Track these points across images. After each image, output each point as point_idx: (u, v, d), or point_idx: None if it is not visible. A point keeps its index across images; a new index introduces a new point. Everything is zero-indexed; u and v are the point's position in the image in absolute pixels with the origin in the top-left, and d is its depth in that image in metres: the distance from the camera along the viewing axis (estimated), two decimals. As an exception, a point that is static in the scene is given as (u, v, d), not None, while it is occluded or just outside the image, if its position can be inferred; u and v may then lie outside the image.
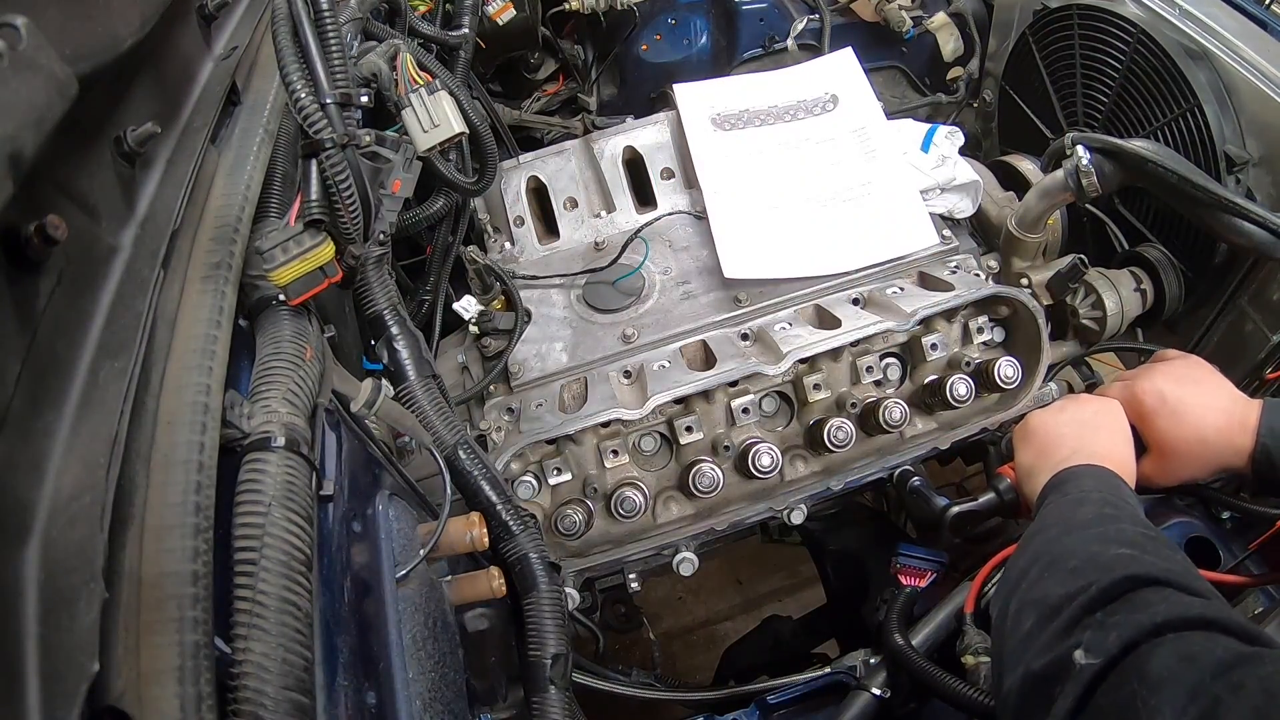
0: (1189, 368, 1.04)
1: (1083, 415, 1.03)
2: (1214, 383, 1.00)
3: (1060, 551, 0.75)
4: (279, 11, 0.78)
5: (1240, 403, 0.97)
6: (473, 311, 1.19)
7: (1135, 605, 0.64)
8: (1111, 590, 0.66)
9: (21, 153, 0.49)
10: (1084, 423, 1.01)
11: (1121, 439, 1.00)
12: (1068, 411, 1.04)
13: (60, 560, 0.46)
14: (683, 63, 1.97)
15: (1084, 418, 1.02)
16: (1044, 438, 1.02)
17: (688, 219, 1.36)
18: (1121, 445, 0.99)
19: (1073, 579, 0.69)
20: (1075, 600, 0.67)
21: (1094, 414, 1.03)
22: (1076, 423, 1.02)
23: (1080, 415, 1.03)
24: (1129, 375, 1.09)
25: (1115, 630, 0.62)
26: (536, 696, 0.77)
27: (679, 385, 1.08)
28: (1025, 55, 1.63)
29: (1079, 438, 0.99)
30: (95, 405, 0.53)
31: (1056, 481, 0.91)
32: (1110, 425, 1.02)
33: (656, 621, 2.35)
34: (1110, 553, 0.71)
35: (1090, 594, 0.66)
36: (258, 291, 0.71)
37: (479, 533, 0.77)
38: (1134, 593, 0.65)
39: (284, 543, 0.52)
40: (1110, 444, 0.98)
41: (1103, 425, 1.01)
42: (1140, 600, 0.64)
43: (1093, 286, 1.26)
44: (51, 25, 0.56)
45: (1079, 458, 0.94)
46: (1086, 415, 1.03)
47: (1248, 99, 1.19)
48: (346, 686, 0.57)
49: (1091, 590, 0.66)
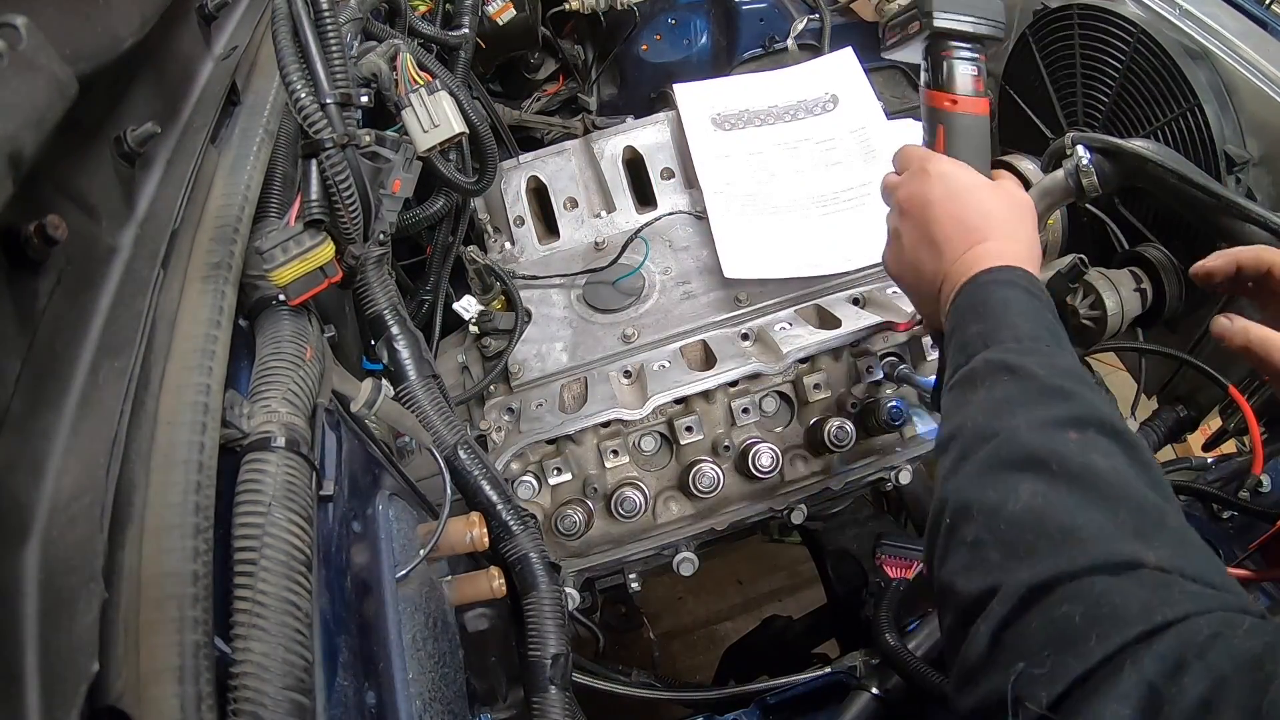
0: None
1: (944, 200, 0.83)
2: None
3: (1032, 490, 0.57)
4: (279, 11, 0.78)
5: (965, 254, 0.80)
6: (473, 311, 1.19)
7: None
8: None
9: (21, 153, 0.49)
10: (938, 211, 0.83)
11: (975, 205, 0.82)
12: (930, 187, 0.84)
13: (60, 560, 0.46)
14: (683, 63, 1.97)
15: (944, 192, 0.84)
16: (941, 217, 0.83)
17: (688, 219, 1.36)
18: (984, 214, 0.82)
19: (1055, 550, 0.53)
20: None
21: (943, 196, 0.84)
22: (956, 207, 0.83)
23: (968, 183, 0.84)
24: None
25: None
26: (536, 696, 0.77)
27: (679, 385, 1.08)
28: (1025, 55, 1.63)
29: (987, 219, 0.81)
30: (95, 405, 0.53)
31: (950, 324, 0.75)
32: (952, 200, 0.83)
33: (656, 621, 2.35)
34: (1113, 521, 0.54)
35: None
36: (258, 291, 0.71)
37: (479, 533, 0.77)
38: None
39: (284, 543, 0.52)
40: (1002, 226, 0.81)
41: (946, 207, 0.83)
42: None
43: (1093, 286, 1.26)
44: (51, 25, 0.56)
45: (989, 252, 0.78)
46: (943, 189, 0.84)
47: (1248, 99, 1.20)
48: (346, 686, 0.57)
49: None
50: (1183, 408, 1.38)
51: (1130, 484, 0.56)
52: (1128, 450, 0.60)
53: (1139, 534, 0.52)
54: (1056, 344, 0.72)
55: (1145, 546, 0.51)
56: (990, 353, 0.70)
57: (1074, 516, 0.54)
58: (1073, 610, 0.50)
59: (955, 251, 0.82)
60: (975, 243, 0.81)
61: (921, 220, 0.85)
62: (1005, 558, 0.55)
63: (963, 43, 0.88)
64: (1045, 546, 0.53)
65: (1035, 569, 0.53)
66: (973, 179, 0.85)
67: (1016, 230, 0.83)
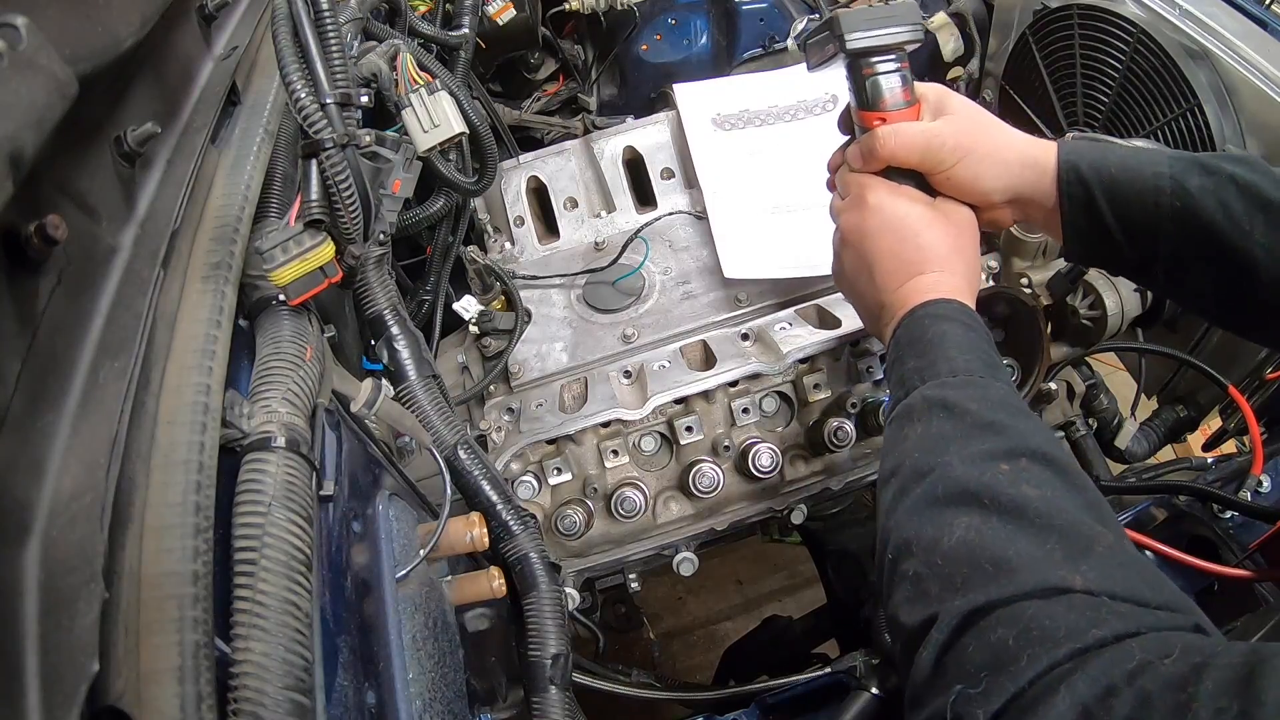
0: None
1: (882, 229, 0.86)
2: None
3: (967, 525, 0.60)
4: (279, 11, 0.78)
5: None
6: (473, 311, 1.19)
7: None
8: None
9: (21, 153, 0.49)
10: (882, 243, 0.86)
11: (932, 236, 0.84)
12: (866, 218, 0.87)
13: (60, 560, 0.46)
14: (683, 63, 1.97)
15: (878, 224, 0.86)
16: (878, 245, 0.85)
17: (688, 219, 1.36)
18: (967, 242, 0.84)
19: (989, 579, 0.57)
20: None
21: (888, 217, 0.86)
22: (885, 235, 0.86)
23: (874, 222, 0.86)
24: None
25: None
26: (536, 696, 0.77)
27: (679, 385, 1.08)
28: (1025, 55, 1.63)
29: (923, 246, 0.83)
30: (95, 405, 0.53)
31: (910, 361, 0.76)
32: (899, 232, 0.85)
33: (656, 621, 2.36)
34: (1038, 550, 0.57)
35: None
36: (258, 291, 0.71)
37: (479, 533, 0.77)
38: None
39: (284, 543, 0.52)
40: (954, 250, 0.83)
41: (891, 241, 0.84)
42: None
43: (1092, 286, 1.26)
44: (51, 25, 0.56)
45: (925, 285, 0.80)
46: (876, 223, 0.86)
47: (1248, 99, 1.20)
48: (346, 686, 0.57)
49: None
50: (1183, 408, 1.38)
51: (1061, 510, 0.59)
52: (1060, 476, 0.63)
53: (1068, 559, 0.56)
54: (991, 375, 0.73)
55: (1073, 571, 0.55)
56: (927, 388, 0.72)
57: (1005, 548, 0.57)
58: (1006, 634, 0.53)
59: (893, 285, 0.84)
60: (912, 275, 0.83)
61: (860, 251, 0.88)
62: (943, 589, 0.58)
63: (883, 56, 0.87)
64: (979, 578, 0.57)
65: (970, 598, 0.56)
66: (908, 208, 0.86)
67: (953, 261, 0.84)
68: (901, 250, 0.84)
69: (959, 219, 0.87)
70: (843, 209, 0.92)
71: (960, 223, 0.87)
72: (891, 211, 0.86)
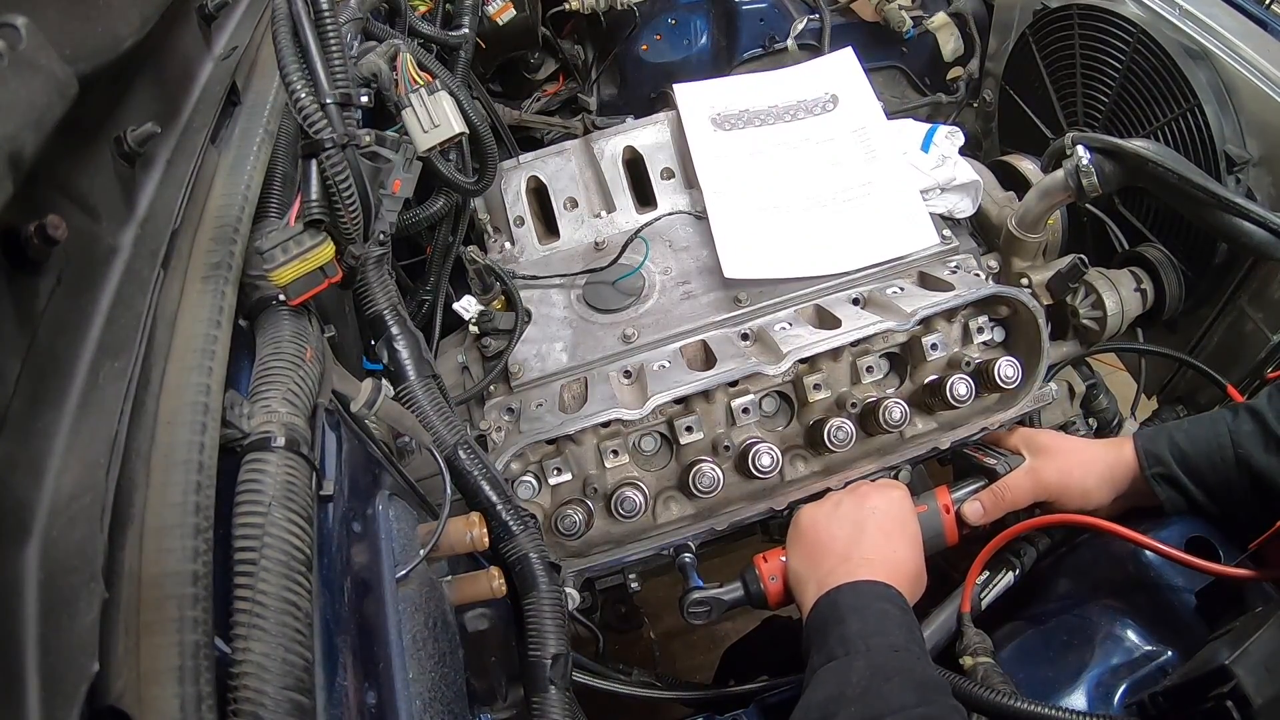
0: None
1: (858, 513, 0.98)
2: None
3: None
4: (279, 11, 0.78)
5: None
6: (473, 311, 1.19)
7: None
8: None
9: (21, 153, 0.49)
10: (858, 522, 0.97)
11: (899, 538, 0.96)
12: (842, 508, 1.00)
13: (60, 560, 0.46)
14: (683, 63, 1.97)
15: (859, 516, 0.97)
16: (813, 541, 0.97)
17: (688, 219, 1.36)
18: (899, 545, 0.95)
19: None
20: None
21: (871, 511, 0.98)
22: (850, 522, 0.97)
23: (855, 513, 0.98)
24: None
25: None
26: (536, 696, 0.77)
27: (679, 385, 1.08)
28: (1025, 55, 1.63)
29: (850, 541, 0.95)
30: (95, 405, 0.53)
31: (819, 621, 0.87)
32: (887, 523, 0.97)
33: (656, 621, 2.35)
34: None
35: None
36: (258, 291, 0.71)
37: (479, 533, 0.77)
38: None
39: (284, 543, 0.52)
40: (886, 546, 0.94)
41: (879, 524, 0.96)
42: None
43: (1093, 286, 1.26)
44: (51, 25, 0.56)
45: (848, 569, 0.90)
46: (862, 513, 0.98)
47: (1248, 99, 1.19)
48: (346, 686, 0.57)
49: None
50: (1183, 408, 1.38)
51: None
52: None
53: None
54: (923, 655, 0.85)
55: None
56: (873, 655, 0.81)
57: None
58: None
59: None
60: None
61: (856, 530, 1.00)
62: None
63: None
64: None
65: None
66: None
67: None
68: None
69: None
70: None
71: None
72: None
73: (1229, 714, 0.69)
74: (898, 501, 1.01)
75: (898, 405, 1.13)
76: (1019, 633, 1.01)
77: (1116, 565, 0.99)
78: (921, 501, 1.09)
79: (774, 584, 1.04)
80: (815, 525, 0.99)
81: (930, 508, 1.09)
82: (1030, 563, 1.09)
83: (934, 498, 1.10)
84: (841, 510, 1.00)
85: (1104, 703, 0.88)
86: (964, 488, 1.12)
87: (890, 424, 1.13)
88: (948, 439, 1.19)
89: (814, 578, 0.93)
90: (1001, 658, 0.96)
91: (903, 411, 1.13)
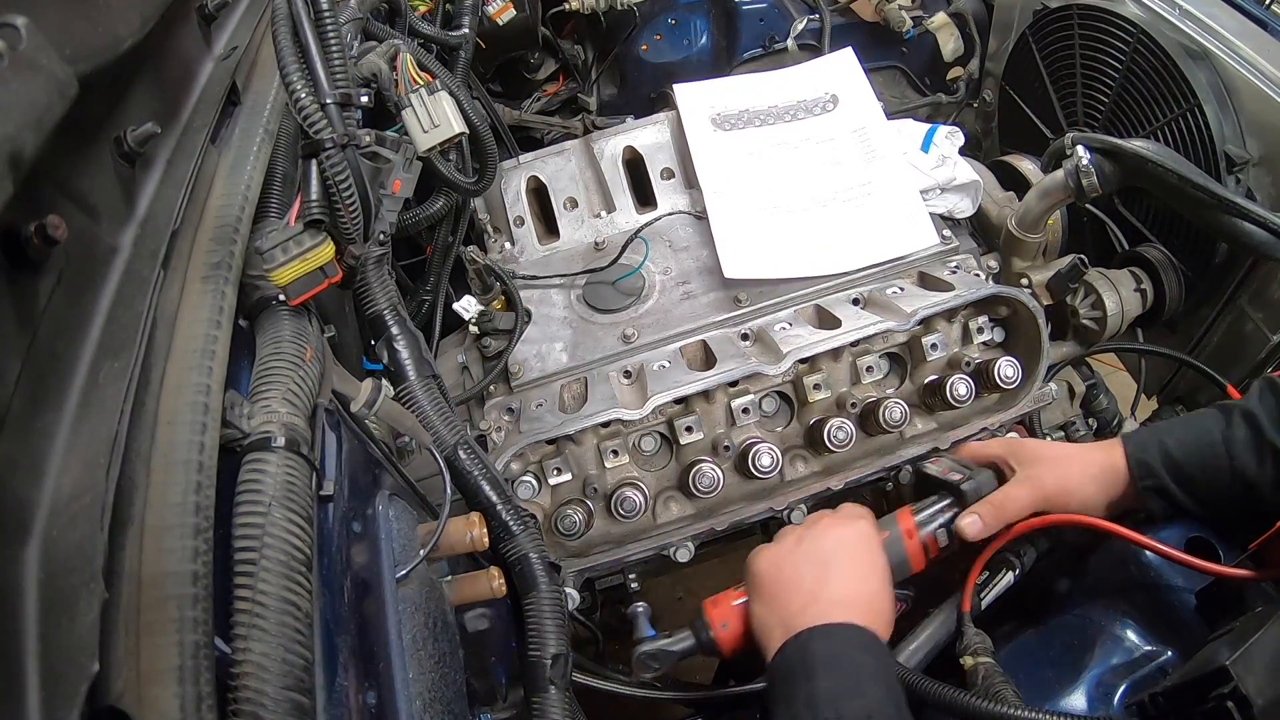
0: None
1: (822, 549, 0.93)
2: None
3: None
4: (279, 11, 0.78)
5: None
6: (473, 311, 1.19)
7: None
8: None
9: (21, 153, 0.49)
10: (823, 559, 0.92)
11: (869, 571, 0.92)
12: (805, 544, 0.94)
13: (60, 560, 0.46)
14: (683, 63, 1.97)
15: (824, 552, 0.92)
16: (775, 583, 0.91)
17: (688, 219, 1.36)
18: (866, 579, 0.91)
19: None
20: None
21: (836, 544, 0.93)
22: (815, 560, 0.92)
23: (819, 549, 0.93)
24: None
25: None
26: (536, 696, 0.77)
27: (679, 385, 1.08)
28: (1025, 55, 1.63)
29: (817, 580, 0.89)
30: (95, 405, 0.53)
31: (786, 668, 0.82)
32: (856, 556, 0.93)
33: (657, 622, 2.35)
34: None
35: None
36: (258, 291, 0.71)
37: (479, 533, 0.77)
38: None
39: (284, 543, 0.52)
40: (857, 581, 0.90)
41: (847, 558, 0.92)
42: None
43: (1093, 286, 1.26)
44: (51, 25, 0.56)
45: (818, 609, 0.85)
46: (827, 548, 0.93)
47: (1248, 99, 1.19)
48: (346, 686, 0.57)
49: None
50: (1183, 408, 1.38)
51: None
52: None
53: None
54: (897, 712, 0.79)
55: None
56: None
57: None
58: None
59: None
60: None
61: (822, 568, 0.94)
62: None
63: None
64: None
65: None
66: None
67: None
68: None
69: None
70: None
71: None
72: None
73: (1229, 714, 0.69)
74: (864, 531, 0.96)
75: (898, 405, 1.13)
76: (1019, 633, 1.01)
77: (1116, 565, 0.99)
78: (882, 528, 1.02)
79: (725, 631, 0.96)
80: (777, 566, 0.93)
81: (891, 534, 1.01)
82: (1030, 563, 1.09)
83: (895, 523, 1.03)
84: (804, 547, 0.94)
85: (1104, 703, 0.88)
86: (927, 509, 1.04)
87: (890, 424, 1.13)
88: (948, 439, 1.19)
89: (780, 620, 0.87)
90: (1001, 658, 0.96)
91: (903, 411, 1.13)
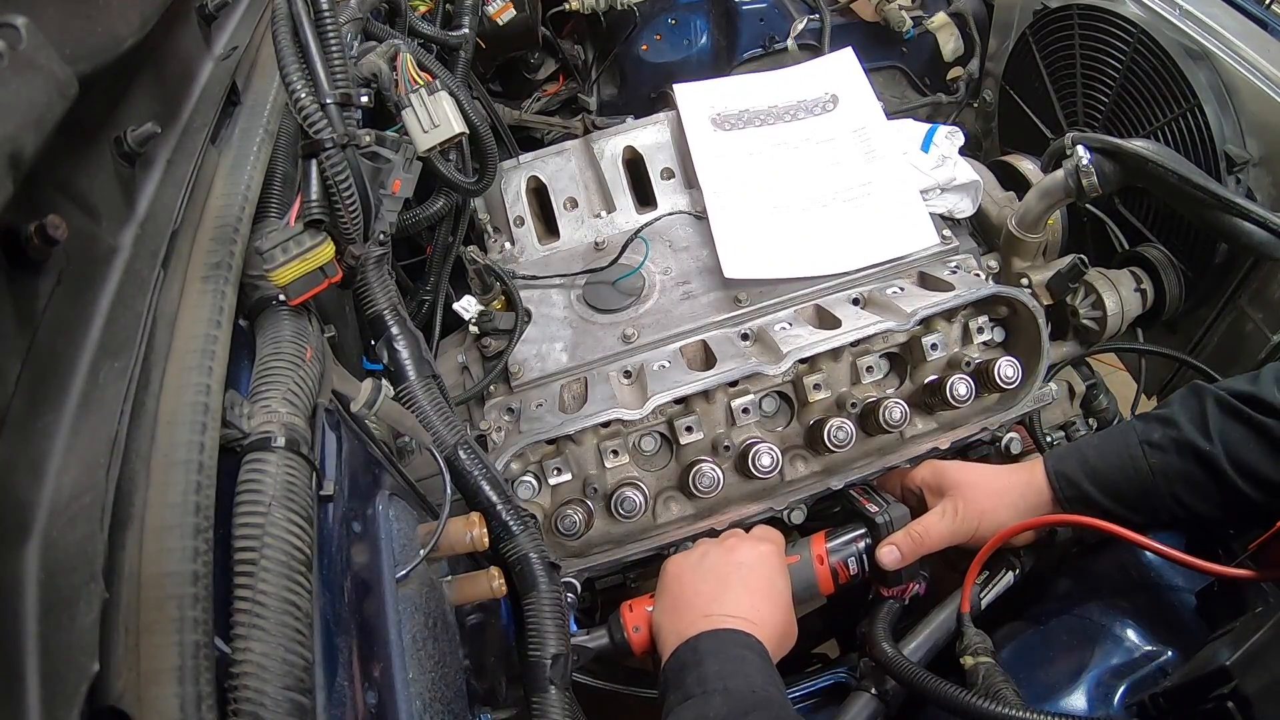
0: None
1: (723, 567, 0.96)
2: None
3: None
4: (279, 11, 0.78)
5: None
6: (473, 311, 1.19)
7: None
8: None
9: (21, 153, 0.49)
10: (722, 577, 0.95)
11: (762, 596, 0.94)
12: (708, 560, 0.98)
13: (60, 560, 0.46)
14: (683, 63, 1.97)
15: (724, 570, 0.96)
16: (676, 594, 0.96)
17: (688, 219, 1.36)
18: (760, 603, 0.93)
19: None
20: None
21: (736, 566, 0.96)
22: (714, 577, 0.95)
23: (720, 567, 0.96)
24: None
25: None
26: (536, 696, 0.77)
27: (679, 385, 1.08)
28: (1025, 55, 1.63)
29: (711, 597, 0.93)
30: (95, 405, 0.53)
31: (678, 665, 0.86)
32: (752, 579, 0.95)
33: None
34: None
35: None
36: (258, 291, 0.71)
37: (479, 533, 0.77)
38: None
39: (284, 543, 0.52)
40: (748, 602, 0.92)
41: (743, 580, 0.95)
42: None
43: (1093, 286, 1.26)
44: (51, 25, 0.56)
45: (708, 623, 0.89)
46: (727, 568, 0.96)
47: (1248, 99, 1.20)
48: (346, 686, 0.57)
49: None
50: (1183, 408, 1.38)
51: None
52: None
53: None
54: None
55: None
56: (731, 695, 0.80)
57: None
58: None
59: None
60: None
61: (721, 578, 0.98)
62: None
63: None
64: None
65: None
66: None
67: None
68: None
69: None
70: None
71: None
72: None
73: (1229, 714, 0.70)
74: (766, 557, 0.98)
75: (898, 405, 1.13)
76: (1019, 633, 1.01)
77: (1116, 565, 0.99)
78: (794, 551, 1.06)
79: (637, 634, 1.00)
80: (680, 577, 0.97)
81: (803, 558, 1.05)
82: (1030, 563, 1.09)
83: (807, 547, 1.07)
84: (707, 563, 0.97)
85: (1104, 703, 0.88)
86: (841, 537, 1.09)
87: (890, 424, 1.13)
88: (948, 439, 1.19)
89: (674, 629, 0.91)
90: (1001, 658, 0.96)
91: (903, 411, 1.13)
